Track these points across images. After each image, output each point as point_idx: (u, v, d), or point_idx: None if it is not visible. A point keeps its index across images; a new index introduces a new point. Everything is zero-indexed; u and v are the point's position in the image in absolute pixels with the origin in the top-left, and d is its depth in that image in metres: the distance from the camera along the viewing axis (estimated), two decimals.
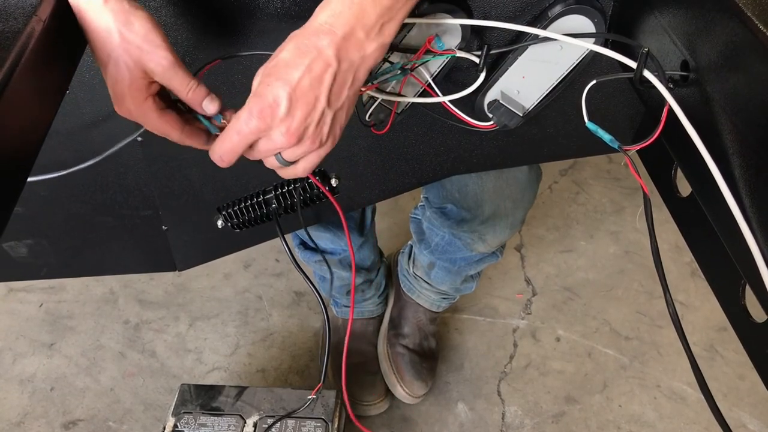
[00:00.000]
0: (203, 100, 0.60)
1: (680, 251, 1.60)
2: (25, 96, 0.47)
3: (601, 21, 0.67)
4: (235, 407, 1.09)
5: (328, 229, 1.17)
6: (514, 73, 0.72)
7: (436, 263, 1.23)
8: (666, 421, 1.30)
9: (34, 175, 0.76)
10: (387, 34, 0.56)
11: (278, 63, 0.56)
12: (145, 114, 0.58)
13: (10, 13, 0.49)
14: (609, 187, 1.82)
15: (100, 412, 1.32)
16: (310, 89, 0.55)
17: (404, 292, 1.36)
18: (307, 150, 0.59)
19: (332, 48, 0.54)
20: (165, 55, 0.56)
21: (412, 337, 1.35)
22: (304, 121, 0.56)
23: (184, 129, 0.61)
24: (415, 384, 1.30)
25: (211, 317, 1.49)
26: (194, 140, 0.62)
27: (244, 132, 0.57)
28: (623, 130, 0.82)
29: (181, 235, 0.91)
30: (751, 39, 0.45)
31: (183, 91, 0.58)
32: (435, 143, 0.84)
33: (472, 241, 1.10)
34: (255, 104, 0.55)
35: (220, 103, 0.61)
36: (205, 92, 0.60)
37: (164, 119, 0.59)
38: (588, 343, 1.44)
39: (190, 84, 0.58)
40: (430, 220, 1.14)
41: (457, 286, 1.28)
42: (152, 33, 0.55)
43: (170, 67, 0.56)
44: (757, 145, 0.46)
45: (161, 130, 0.60)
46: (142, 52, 0.55)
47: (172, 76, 0.57)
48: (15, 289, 1.56)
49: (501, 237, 1.10)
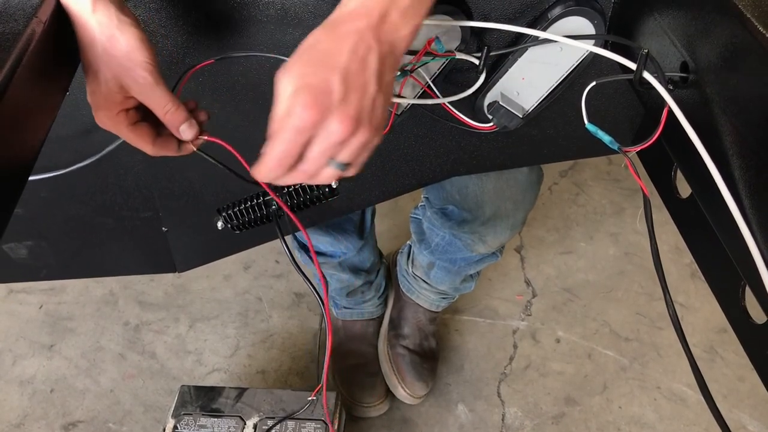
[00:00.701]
0: (181, 125, 0.60)
1: (680, 253, 1.60)
2: (26, 97, 0.48)
3: (600, 22, 0.67)
4: (235, 409, 1.09)
5: (328, 233, 1.17)
6: (513, 74, 0.72)
7: (436, 263, 1.22)
8: (666, 423, 1.30)
9: (33, 174, 0.76)
10: (420, 15, 0.55)
11: (317, 52, 0.52)
12: (117, 126, 0.59)
13: (10, 15, 0.49)
14: (609, 189, 1.82)
15: (100, 413, 1.32)
16: (359, 72, 0.52)
17: (403, 292, 1.36)
18: (364, 140, 0.54)
19: (371, 31, 0.52)
20: (144, 75, 0.55)
21: (412, 338, 1.35)
22: (360, 105, 0.52)
23: (156, 141, 0.61)
24: (417, 385, 1.30)
25: (211, 318, 1.49)
26: (167, 149, 0.62)
27: (299, 126, 0.51)
28: (623, 132, 0.82)
29: (181, 236, 0.91)
30: (750, 40, 0.45)
31: (160, 112, 0.58)
32: (435, 144, 0.84)
33: (473, 242, 1.10)
34: (306, 95, 0.51)
35: (198, 130, 0.61)
36: (184, 117, 0.59)
37: (136, 133, 0.59)
38: (588, 344, 1.44)
39: (168, 106, 0.58)
40: (431, 220, 1.14)
41: (457, 285, 1.27)
42: (136, 51, 0.55)
43: (148, 87, 0.56)
44: (757, 146, 0.46)
45: (134, 143, 0.60)
46: (122, 68, 0.55)
47: (149, 96, 0.57)
48: (15, 291, 1.56)
49: (502, 238, 1.10)
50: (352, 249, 1.21)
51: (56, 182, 0.83)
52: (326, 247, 1.20)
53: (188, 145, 0.62)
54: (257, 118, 0.78)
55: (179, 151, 0.63)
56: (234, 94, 0.76)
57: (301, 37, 0.70)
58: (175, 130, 0.60)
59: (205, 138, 0.62)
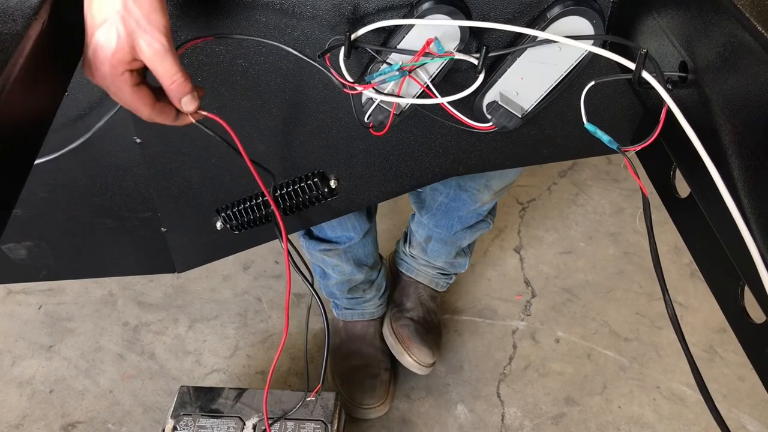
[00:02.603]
0: (184, 96, 0.59)
1: (679, 252, 1.60)
2: (25, 97, 0.47)
3: (599, 22, 0.67)
4: (235, 409, 1.09)
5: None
6: (512, 74, 0.72)
7: (433, 235, 1.29)
8: (665, 423, 1.30)
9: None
10: None
11: None
12: (119, 86, 0.57)
13: (9, 15, 0.49)
14: (608, 189, 1.82)
15: (99, 414, 1.32)
16: None
17: (403, 273, 1.42)
18: None
19: None
20: (160, 39, 0.55)
21: (415, 311, 1.38)
22: None
23: (155, 106, 0.59)
24: (422, 350, 1.31)
25: (210, 319, 1.49)
26: (164, 117, 0.61)
27: None
28: (622, 132, 0.82)
29: (180, 236, 0.90)
30: (749, 40, 0.45)
31: (166, 81, 0.57)
32: (434, 144, 0.84)
33: (478, 191, 1.18)
34: None
35: (198, 103, 0.60)
36: (189, 89, 0.59)
37: (137, 95, 0.58)
38: (587, 344, 1.44)
39: (175, 76, 0.57)
40: None
41: (452, 260, 1.34)
42: (156, 13, 0.54)
43: (161, 52, 0.55)
44: (756, 146, 0.46)
45: (132, 105, 0.59)
46: (139, 27, 0.54)
47: (159, 62, 0.56)
48: (14, 291, 1.56)
49: (506, 179, 1.17)
50: (358, 231, 1.21)
51: (56, 183, 0.83)
52: (333, 230, 1.20)
53: (186, 117, 0.61)
54: (253, 115, 0.78)
55: (176, 120, 0.62)
56: (230, 90, 0.75)
57: (300, 35, 0.70)
58: (177, 101, 0.59)
59: (204, 113, 0.62)
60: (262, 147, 0.81)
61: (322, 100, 0.77)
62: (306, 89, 0.76)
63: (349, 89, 0.68)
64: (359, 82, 0.69)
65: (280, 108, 0.77)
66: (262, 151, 0.81)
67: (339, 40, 0.66)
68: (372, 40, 0.68)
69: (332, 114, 0.79)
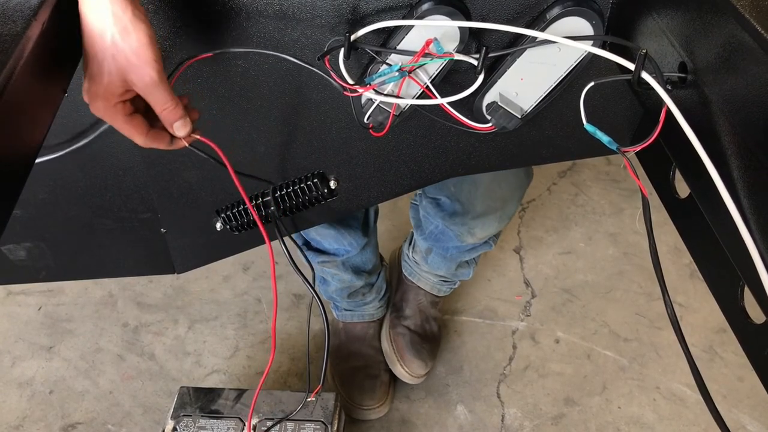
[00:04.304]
0: (175, 122, 0.62)
1: (679, 253, 1.60)
2: (24, 99, 0.48)
3: (599, 23, 0.67)
4: (235, 410, 1.09)
5: (332, 226, 1.18)
6: (512, 75, 0.72)
7: (433, 249, 1.28)
8: (665, 423, 1.30)
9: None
10: None
11: None
12: (113, 117, 0.60)
13: (9, 16, 0.49)
14: (608, 189, 1.82)
15: (99, 415, 1.32)
16: None
17: (405, 276, 1.40)
18: None
19: None
20: (150, 73, 0.57)
21: (413, 319, 1.37)
22: None
23: (149, 133, 0.62)
24: (415, 363, 1.31)
25: (210, 320, 1.49)
26: (158, 142, 0.64)
27: None
28: (622, 132, 0.82)
29: (179, 237, 0.90)
30: (748, 40, 0.45)
31: (158, 108, 0.60)
32: (433, 145, 0.84)
33: (461, 234, 1.18)
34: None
35: (191, 128, 0.63)
36: (180, 114, 0.61)
37: (131, 124, 0.61)
38: (587, 344, 1.44)
39: (167, 104, 0.60)
40: (425, 208, 1.21)
41: (453, 271, 1.34)
42: (145, 48, 0.56)
43: (151, 84, 0.58)
44: (755, 147, 0.46)
45: (127, 133, 0.62)
46: (129, 63, 0.56)
47: (151, 93, 0.58)
48: (13, 292, 1.56)
49: (489, 230, 1.18)
50: (355, 246, 1.21)
51: (56, 183, 0.83)
52: (330, 244, 1.20)
53: (180, 141, 0.64)
54: (253, 116, 0.78)
55: (171, 145, 0.65)
56: (230, 91, 0.76)
57: (299, 36, 0.70)
58: (169, 126, 0.62)
59: (197, 136, 0.65)
60: (262, 148, 0.81)
61: (322, 101, 0.77)
62: (305, 90, 0.76)
63: (350, 92, 0.68)
64: (359, 83, 0.69)
65: (279, 109, 0.77)
66: (261, 151, 0.81)
67: (338, 41, 0.66)
68: (372, 40, 0.69)
69: (332, 114, 0.79)
